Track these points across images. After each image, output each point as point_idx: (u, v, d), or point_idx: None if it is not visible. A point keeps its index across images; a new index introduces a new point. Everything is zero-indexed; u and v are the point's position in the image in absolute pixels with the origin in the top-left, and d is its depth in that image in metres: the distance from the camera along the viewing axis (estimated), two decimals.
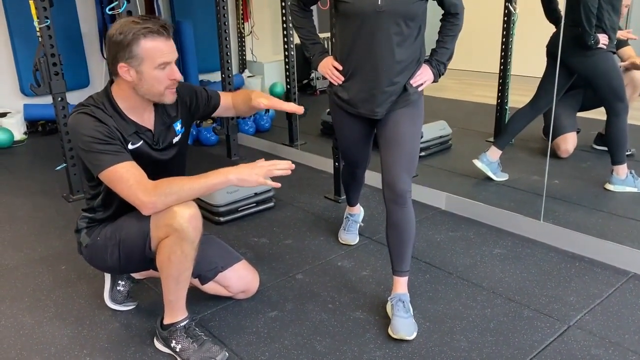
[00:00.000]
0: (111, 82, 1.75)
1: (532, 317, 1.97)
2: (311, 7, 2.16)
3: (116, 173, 1.61)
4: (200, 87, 1.98)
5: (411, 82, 1.95)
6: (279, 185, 1.69)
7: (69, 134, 1.70)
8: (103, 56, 5.13)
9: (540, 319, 1.96)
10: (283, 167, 1.67)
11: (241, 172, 1.65)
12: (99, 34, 5.07)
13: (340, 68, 2.01)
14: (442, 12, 2.00)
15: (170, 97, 1.73)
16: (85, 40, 4.94)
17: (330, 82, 2.08)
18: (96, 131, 1.63)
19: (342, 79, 2.01)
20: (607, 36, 2.81)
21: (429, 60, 2.01)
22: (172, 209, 1.61)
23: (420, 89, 1.98)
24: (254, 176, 1.65)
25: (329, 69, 2.04)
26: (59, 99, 3.04)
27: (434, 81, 2.01)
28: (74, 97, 3.84)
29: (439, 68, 2.00)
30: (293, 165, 1.68)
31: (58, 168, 3.19)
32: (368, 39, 1.90)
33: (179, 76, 1.70)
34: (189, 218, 1.62)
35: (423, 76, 1.98)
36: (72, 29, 4.76)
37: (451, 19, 1.97)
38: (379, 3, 1.83)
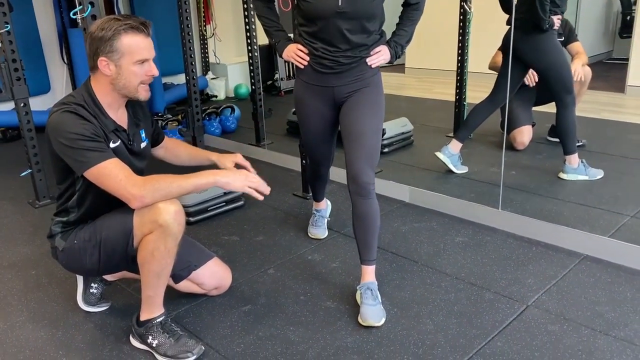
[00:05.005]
0: (89, 78, 1.79)
1: (493, 299, 2.08)
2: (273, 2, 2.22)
3: (105, 169, 1.66)
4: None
5: (367, 60, 2.04)
6: (262, 198, 1.77)
7: (48, 133, 1.71)
8: (63, 61, 5.08)
9: (501, 300, 2.07)
10: (264, 190, 1.76)
11: (229, 176, 1.74)
12: (58, 39, 5.01)
13: (306, 51, 2.06)
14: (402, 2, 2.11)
15: (143, 94, 1.79)
16: (44, 46, 4.88)
17: (297, 71, 2.13)
18: (83, 128, 1.66)
19: (308, 59, 2.06)
20: (560, 17, 2.94)
21: (387, 41, 2.10)
22: (156, 205, 1.66)
23: (374, 66, 2.06)
24: (240, 183, 1.73)
25: (294, 53, 2.10)
26: (22, 104, 3.01)
27: (389, 62, 2.10)
28: (35, 103, 3.80)
29: (396, 49, 2.09)
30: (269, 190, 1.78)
31: (23, 174, 3.16)
32: (330, 39, 1.98)
33: (156, 72, 1.77)
34: (174, 214, 1.67)
35: (379, 55, 2.06)
36: (31, 35, 4.70)
37: (413, 5, 2.08)
38: (340, 4, 1.91)
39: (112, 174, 1.66)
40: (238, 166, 1.92)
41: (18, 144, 4.30)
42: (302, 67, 2.10)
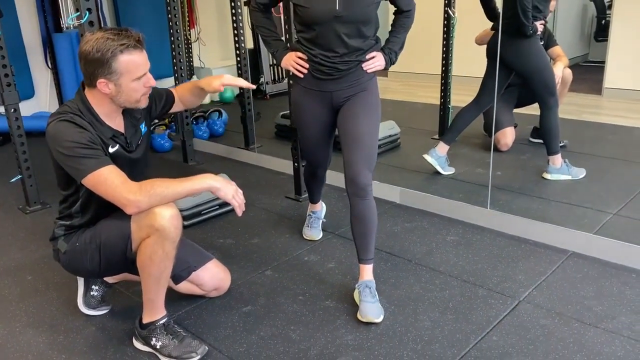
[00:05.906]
0: (82, 87, 1.81)
1: (486, 296, 2.15)
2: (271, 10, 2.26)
3: (101, 176, 1.67)
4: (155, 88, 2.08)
5: (363, 65, 2.09)
6: (240, 214, 1.82)
7: (48, 143, 1.73)
8: (48, 66, 5.05)
9: (494, 296, 2.14)
10: (241, 211, 1.82)
11: (222, 184, 1.76)
12: (42, 44, 4.98)
13: (305, 58, 2.10)
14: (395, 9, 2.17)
15: (144, 102, 1.84)
16: (28, 51, 4.84)
17: (294, 77, 2.17)
18: (80, 136, 1.68)
19: (307, 66, 2.10)
20: (543, 22, 3.04)
21: (382, 48, 2.16)
22: (153, 209, 1.69)
23: (370, 71, 2.12)
24: (230, 193, 1.77)
25: (292, 61, 2.14)
26: (12, 110, 3.00)
27: (384, 68, 2.16)
28: (21, 109, 3.77)
29: (390, 55, 2.15)
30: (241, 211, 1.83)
31: (13, 180, 3.15)
32: (328, 44, 2.03)
33: (153, 82, 1.80)
34: (170, 218, 1.70)
35: (375, 61, 2.11)
36: (15, 40, 4.65)
37: (405, 13, 2.15)
38: (337, 8, 1.97)
39: (107, 180, 1.68)
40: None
41: (4, 150, 4.28)
42: (301, 76, 2.14)
